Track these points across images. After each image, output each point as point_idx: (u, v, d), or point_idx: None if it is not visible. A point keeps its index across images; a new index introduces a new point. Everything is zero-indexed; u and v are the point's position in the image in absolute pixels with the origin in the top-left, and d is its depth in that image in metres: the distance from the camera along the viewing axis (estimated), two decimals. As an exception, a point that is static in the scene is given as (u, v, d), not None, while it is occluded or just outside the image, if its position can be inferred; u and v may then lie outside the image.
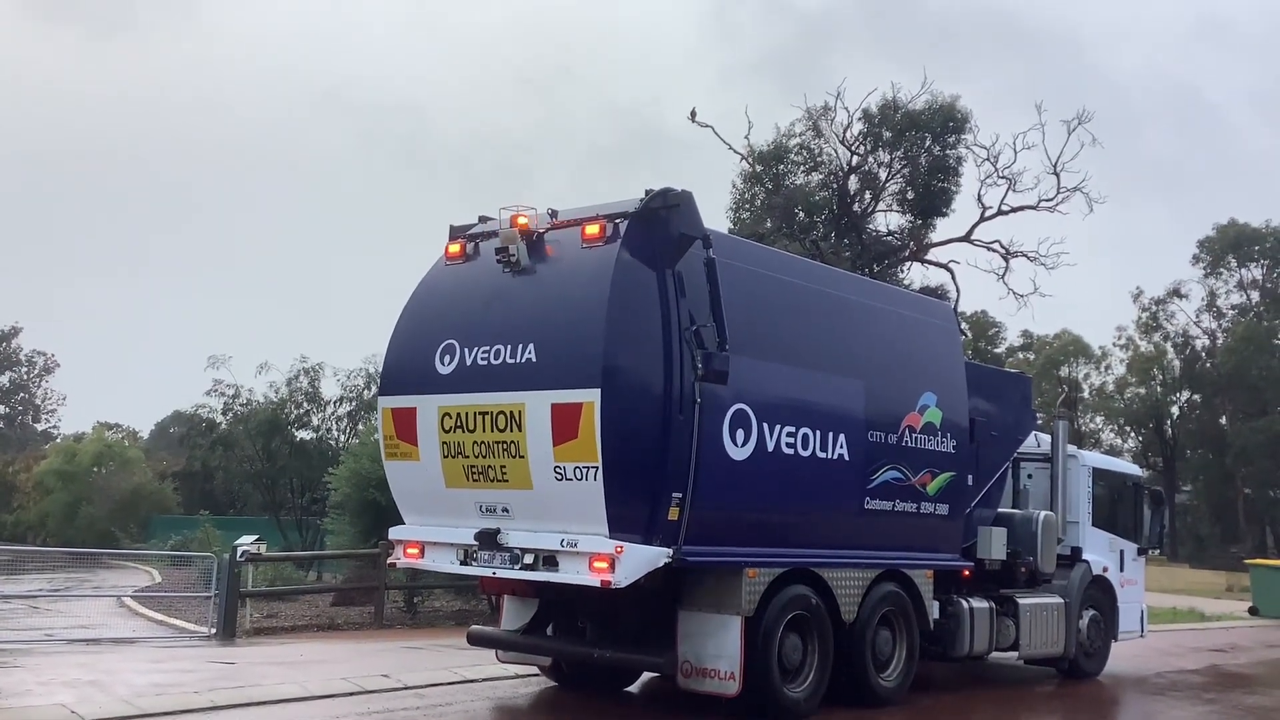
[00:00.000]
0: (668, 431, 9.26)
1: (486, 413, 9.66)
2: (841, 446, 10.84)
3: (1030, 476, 14.76)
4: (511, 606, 11.30)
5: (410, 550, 10.57)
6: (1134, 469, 17.23)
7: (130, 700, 9.99)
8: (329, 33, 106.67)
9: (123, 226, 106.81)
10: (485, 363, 9.79)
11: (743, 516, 10.01)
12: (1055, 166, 27.24)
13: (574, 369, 9.17)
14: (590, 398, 8.98)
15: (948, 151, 27.20)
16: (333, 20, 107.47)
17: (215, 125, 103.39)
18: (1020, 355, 65.72)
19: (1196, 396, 63.46)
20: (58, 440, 68.40)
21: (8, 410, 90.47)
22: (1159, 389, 65.05)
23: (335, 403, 32.43)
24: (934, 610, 12.01)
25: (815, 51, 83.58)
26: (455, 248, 10.81)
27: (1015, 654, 13.45)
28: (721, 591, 9.91)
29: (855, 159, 27.69)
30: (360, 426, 30.59)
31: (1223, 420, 60.59)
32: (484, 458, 9.73)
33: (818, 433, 10.58)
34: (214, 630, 16.37)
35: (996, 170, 27.47)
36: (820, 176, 28.18)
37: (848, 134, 27.44)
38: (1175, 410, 66.23)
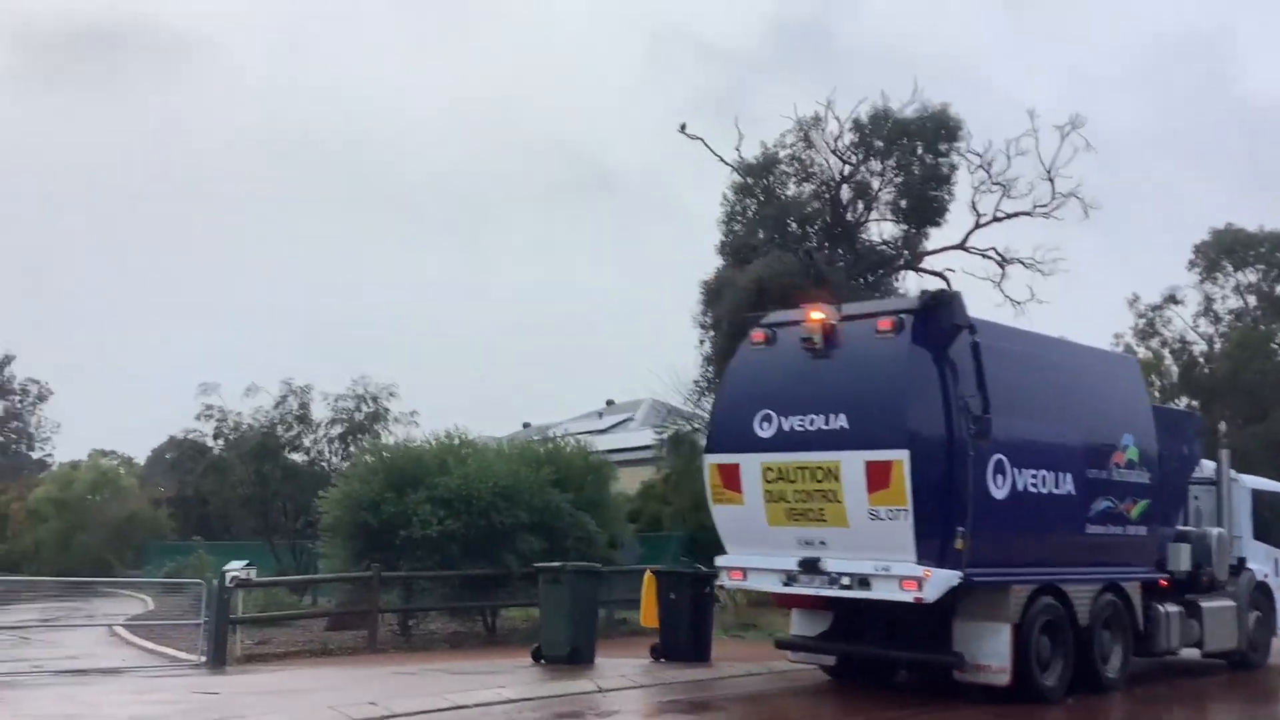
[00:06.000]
0: (952, 479, 11.75)
1: (805, 468, 12.21)
2: (1069, 483, 13.28)
3: (1197, 498, 16.95)
4: (799, 617, 14.05)
5: (734, 574, 13.43)
6: None
7: (108, 734, 9.69)
8: (291, 80, 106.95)
9: (113, 255, 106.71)
10: (801, 429, 12.36)
11: (1004, 544, 12.36)
12: (1049, 172, 27.02)
13: (884, 434, 11.70)
14: (900, 456, 11.50)
15: (940, 159, 26.90)
16: (292, 69, 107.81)
17: (196, 162, 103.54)
18: (1017, 364, 65.12)
19: (1194, 402, 63.13)
20: (53, 468, 67.95)
21: (2, 439, 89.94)
22: (1157, 395, 64.78)
23: (326, 425, 32.11)
24: (1141, 615, 14.33)
25: (742, 89, 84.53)
26: (759, 335, 13.37)
27: (1198, 650, 15.80)
28: (993, 604, 12.29)
29: (847, 169, 27.39)
30: (352, 449, 30.24)
31: (1221, 425, 60.10)
32: (803, 502, 12.28)
33: (1053, 473, 13.05)
34: (204, 658, 16.07)
35: (990, 177, 27.23)
36: (812, 187, 27.88)
37: (839, 143, 27.21)
38: (1174, 416, 65.65)
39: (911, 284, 27.78)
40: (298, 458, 32.77)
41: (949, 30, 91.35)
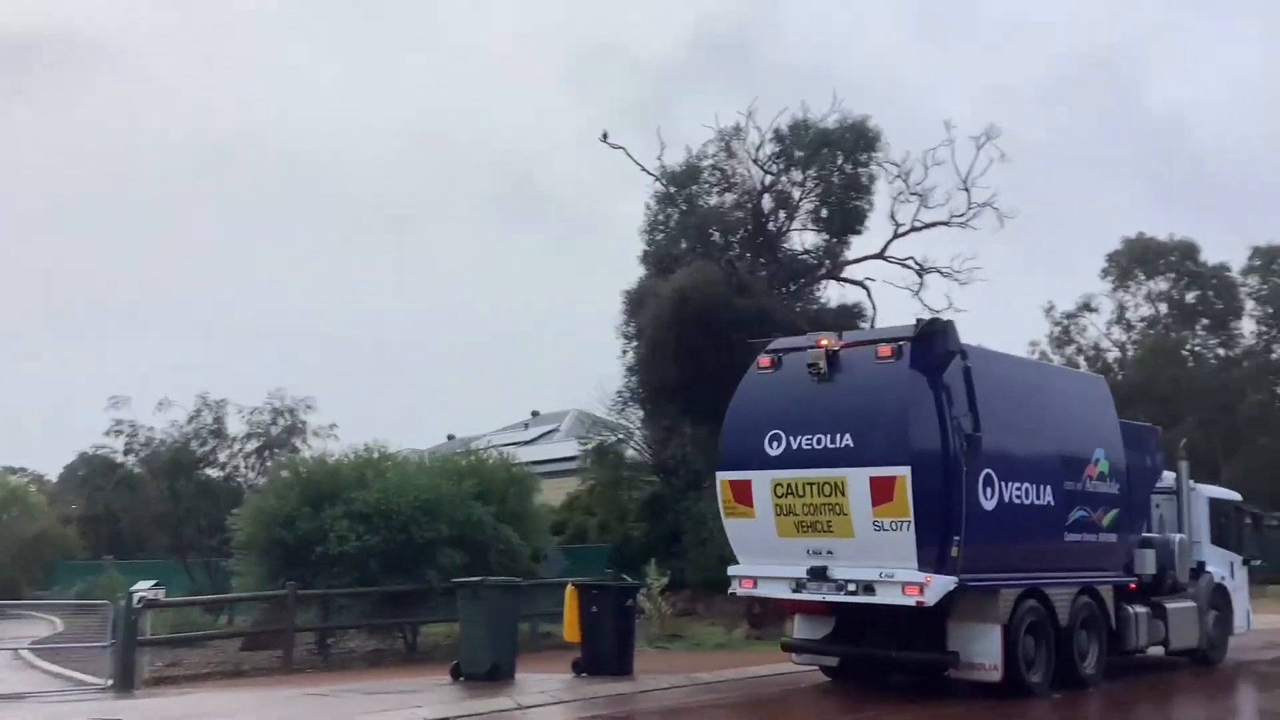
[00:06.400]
0: (948, 493, 12.76)
1: (813, 483, 13.22)
2: (1049, 495, 14.35)
3: (1159, 506, 18.10)
4: (802, 622, 14.99)
5: (746, 583, 14.25)
6: (1236, 495, 20.67)
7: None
8: (217, 91, 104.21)
9: (24, 265, 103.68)
10: (809, 447, 13.35)
11: (993, 551, 13.34)
12: (965, 182, 27.30)
13: (888, 452, 12.72)
14: (903, 472, 12.55)
15: (859, 169, 27.07)
16: (218, 80, 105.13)
17: (111, 171, 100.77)
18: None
19: (1110, 408, 64.21)
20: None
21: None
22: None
23: (242, 439, 31.39)
24: (1114, 615, 15.48)
25: (665, 104, 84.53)
26: (766, 361, 14.38)
27: (1163, 648, 16.86)
28: (984, 607, 13.32)
29: (768, 178, 27.47)
30: (268, 464, 29.56)
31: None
32: (811, 515, 13.28)
33: (1035, 486, 14.10)
34: (111, 682, 15.51)
35: (908, 187, 27.44)
36: (734, 196, 27.90)
37: (760, 153, 27.26)
38: (1090, 422, 66.74)
39: (833, 293, 27.99)
40: (213, 473, 32.00)
41: (866, 50, 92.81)
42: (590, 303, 77.43)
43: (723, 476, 14.32)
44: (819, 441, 13.33)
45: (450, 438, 49.47)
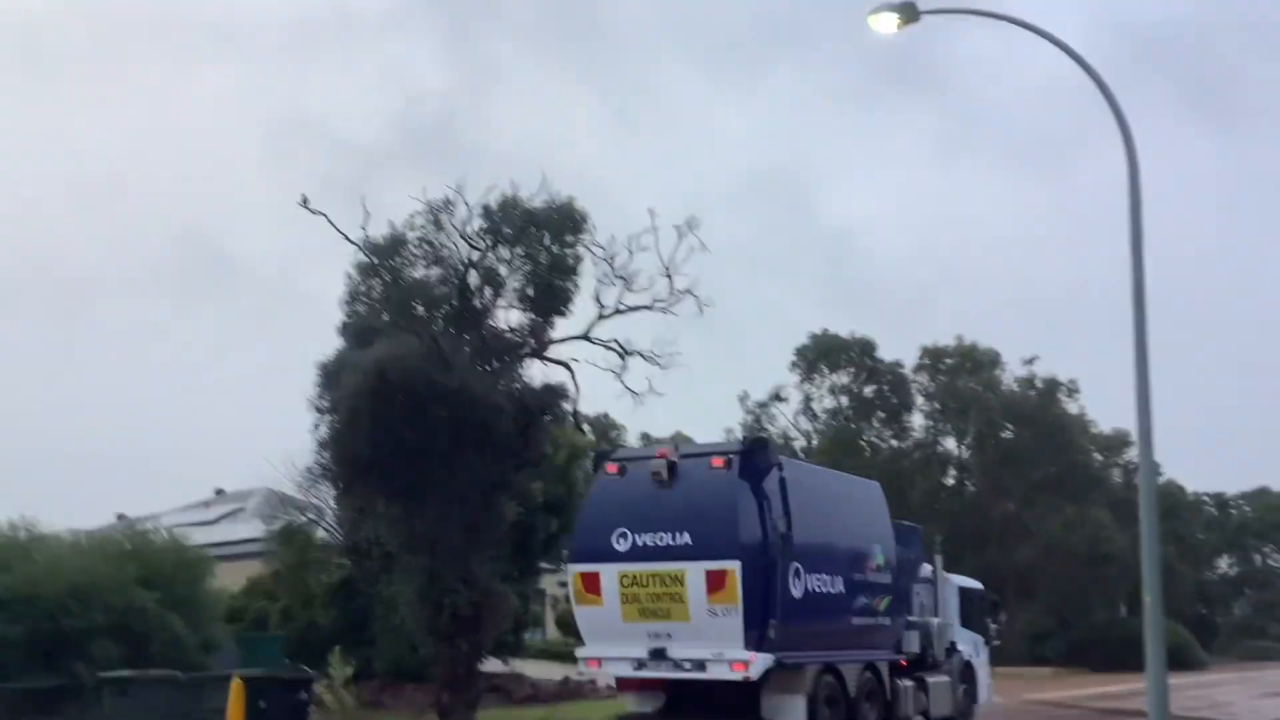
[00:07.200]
0: (769, 583, 15.07)
1: (656, 575, 15.40)
2: (840, 585, 16.88)
3: (918, 593, 20.69)
4: (635, 698, 16.79)
5: (592, 663, 16.42)
6: (980, 585, 23.86)
7: None
8: None
9: None
10: (653, 544, 15.52)
11: (800, 633, 15.63)
12: (668, 268, 27.83)
13: (721, 548, 15.03)
14: (733, 566, 14.90)
15: (566, 250, 26.96)
16: None
17: None
18: (638, 456, 66.96)
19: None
20: None
21: None
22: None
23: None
24: (889, 688, 18.02)
25: (370, 181, 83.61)
26: (613, 468, 16.65)
27: (923, 717, 19.44)
28: (791, 680, 15.60)
29: (476, 254, 26.96)
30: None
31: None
32: (654, 602, 15.43)
33: (829, 577, 16.55)
34: None
35: (613, 270, 27.64)
36: (441, 271, 27.21)
37: (468, 228, 26.76)
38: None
39: (537, 372, 27.69)
40: None
41: (571, 143, 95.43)
42: (283, 376, 73.89)
43: (575, 569, 16.30)
44: (661, 539, 15.43)
45: (120, 517, 45.46)
